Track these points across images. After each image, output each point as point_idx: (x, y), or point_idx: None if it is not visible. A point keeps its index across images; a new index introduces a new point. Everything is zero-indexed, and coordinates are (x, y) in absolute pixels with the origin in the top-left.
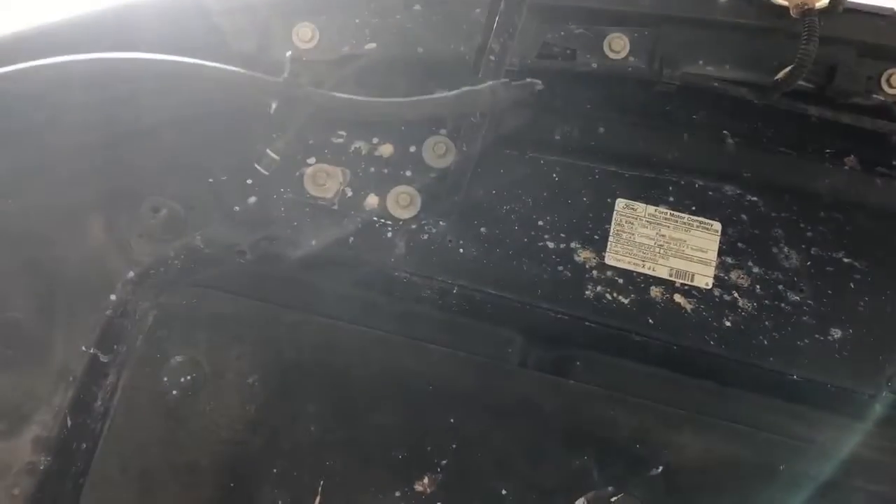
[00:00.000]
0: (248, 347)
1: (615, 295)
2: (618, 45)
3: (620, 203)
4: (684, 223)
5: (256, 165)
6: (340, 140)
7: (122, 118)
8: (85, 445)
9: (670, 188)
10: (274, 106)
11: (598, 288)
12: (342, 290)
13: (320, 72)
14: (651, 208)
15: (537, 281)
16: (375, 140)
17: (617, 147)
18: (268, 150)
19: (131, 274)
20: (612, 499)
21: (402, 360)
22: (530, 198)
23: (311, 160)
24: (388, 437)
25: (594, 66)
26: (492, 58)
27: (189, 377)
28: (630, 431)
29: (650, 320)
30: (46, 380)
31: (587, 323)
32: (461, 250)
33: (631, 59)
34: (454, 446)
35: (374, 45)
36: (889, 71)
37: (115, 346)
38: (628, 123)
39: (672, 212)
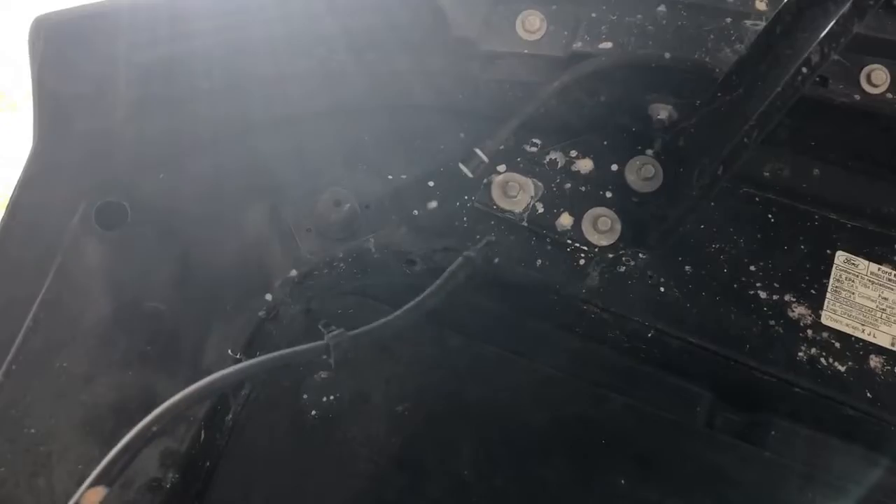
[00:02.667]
0: (402, 370)
1: (831, 360)
2: (878, 78)
3: (841, 257)
4: None
5: (461, 165)
6: (534, 149)
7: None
8: (208, 463)
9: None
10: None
11: (813, 350)
12: (515, 318)
13: (542, 69)
14: (874, 266)
15: (745, 334)
16: (574, 153)
17: (832, 193)
18: (476, 150)
19: (293, 273)
20: None
21: (577, 406)
22: (742, 238)
23: (502, 168)
24: (550, 493)
25: (856, 97)
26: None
27: (332, 397)
28: None
29: (868, 393)
30: (187, 384)
31: (796, 389)
32: (662, 289)
33: (889, 95)
34: None
35: (609, 44)
36: None
37: (258, 353)
38: (849, 168)
39: None
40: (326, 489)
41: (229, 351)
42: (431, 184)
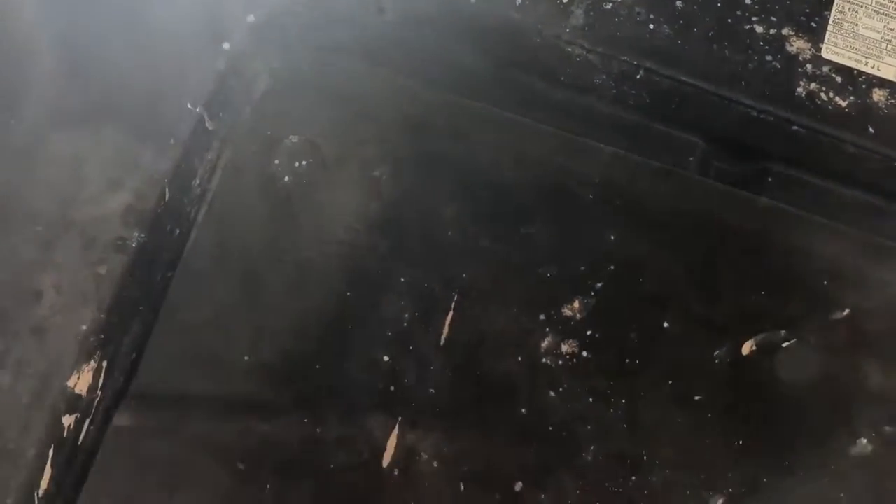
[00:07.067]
0: (379, 131)
1: (832, 95)
2: None
3: None
4: None
5: None
6: None
7: None
8: (178, 231)
9: None
10: None
11: (812, 85)
12: (495, 71)
13: None
14: None
15: (741, 71)
16: None
17: None
18: None
19: (251, 18)
20: (784, 344)
21: (562, 159)
22: None
23: None
24: (538, 251)
25: None
26: None
27: (304, 162)
28: (821, 264)
29: (870, 129)
30: (145, 137)
31: (794, 127)
32: (651, 26)
33: None
34: (612, 268)
35: None
36: None
37: (222, 114)
38: None
39: None
40: (304, 258)
41: (188, 104)
42: None
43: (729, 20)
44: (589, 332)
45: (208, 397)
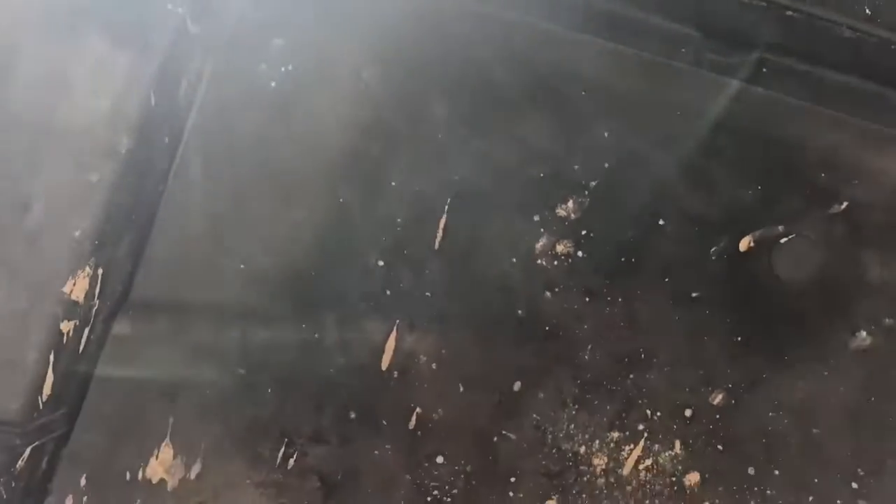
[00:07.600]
0: (365, 31)
1: None
2: None
3: None
4: None
5: None
6: None
7: None
8: (167, 140)
9: None
10: None
11: None
12: None
13: None
14: None
15: None
16: None
17: None
18: None
19: None
20: (782, 240)
21: (553, 56)
22: None
23: None
24: (530, 150)
25: None
26: None
27: (290, 66)
28: (817, 154)
29: (867, 10)
30: (126, 41)
31: (788, 12)
32: None
33: None
34: (606, 165)
35: None
36: None
37: (204, 17)
38: None
39: None
40: (295, 164)
41: (168, 5)
42: None
43: None
44: (584, 232)
45: (207, 305)
